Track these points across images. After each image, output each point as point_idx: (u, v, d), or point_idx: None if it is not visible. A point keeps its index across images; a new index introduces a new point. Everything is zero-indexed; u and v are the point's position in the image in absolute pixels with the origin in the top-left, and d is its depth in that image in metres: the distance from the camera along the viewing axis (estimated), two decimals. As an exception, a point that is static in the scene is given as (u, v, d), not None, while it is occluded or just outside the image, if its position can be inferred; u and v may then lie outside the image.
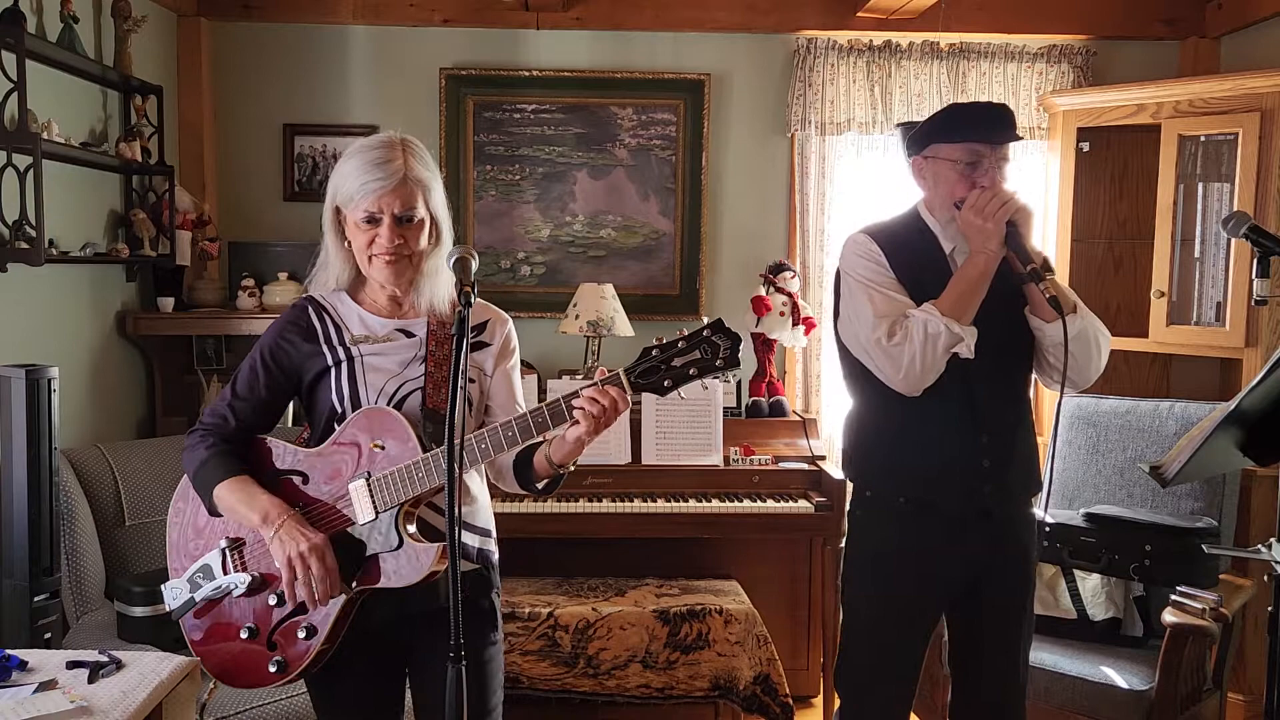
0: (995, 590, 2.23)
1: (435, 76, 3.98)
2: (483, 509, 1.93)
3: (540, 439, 1.79)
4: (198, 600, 1.88)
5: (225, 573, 1.85)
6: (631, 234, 4.08)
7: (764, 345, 3.84)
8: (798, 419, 3.81)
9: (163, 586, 1.93)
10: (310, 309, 1.90)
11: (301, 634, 1.79)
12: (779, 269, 3.84)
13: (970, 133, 2.12)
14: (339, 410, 1.84)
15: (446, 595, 1.77)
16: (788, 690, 3.29)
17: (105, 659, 2.02)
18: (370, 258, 1.81)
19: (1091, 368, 2.17)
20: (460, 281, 1.65)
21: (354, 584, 1.77)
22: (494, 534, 1.96)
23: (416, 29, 3.99)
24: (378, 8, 3.93)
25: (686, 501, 3.47)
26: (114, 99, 3.42)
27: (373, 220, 1.79)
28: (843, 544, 3.43)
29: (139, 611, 2.59)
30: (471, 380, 1.89)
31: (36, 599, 2.53)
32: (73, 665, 2.01)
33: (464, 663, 1.53)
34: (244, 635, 1.84)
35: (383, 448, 1.76)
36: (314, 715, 2.56)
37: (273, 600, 1.82)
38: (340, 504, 1.80)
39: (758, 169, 4.11)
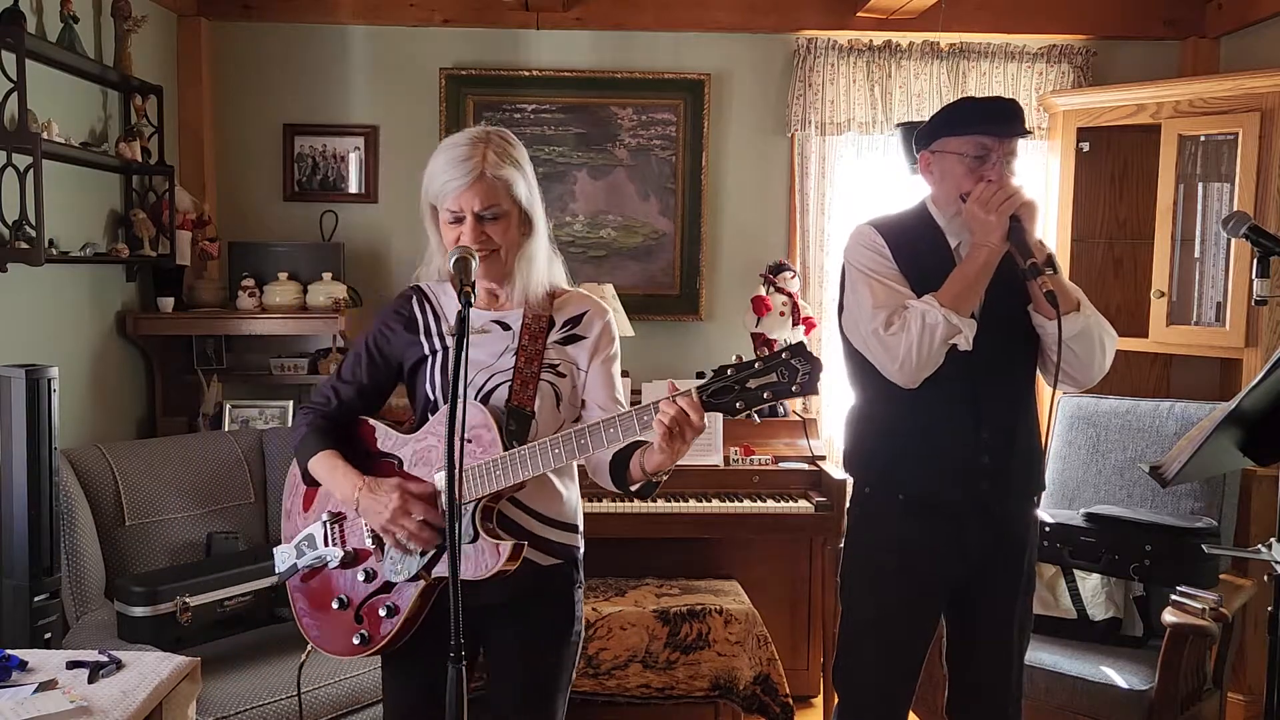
0: (994, 588, 2.22)
1: (435, 76, 3.98)
2: (568, 504, 1.94)
3: (639, 440, 1.78)
4: (300, 567, 1.95)
5: (325, 545, 1.92)
6: (631, 234, 4.08)
7: (764, 345, 3.84)
8: (798, 419, 3.81)
9: (274, 549, 2.00)
10: (415, 299, 1.95)
11: (383, 612, 1.85)
12: (779, 269, 3.84)
13: (977, 126, 2.11)
14: (432, 399, 1.88)
15: (523, 590, 1.83)
16: (788, 690, 3.29)
17: (105, 659, 2.02)
18: (456, 245, 1.82)
19: (1095, 367, 2.16)
20: (460, 281, 1.66)
21: (432, 571, 1.81)
22: (579, 528, 1.97)
23: (416, 29, 3.99)
24: (378, 8, 3.93)
25: (686, 501, 3.47)
26: (114, 99, 3.43)
27: (458, 219, 1.81)
28: (842, 543, 3.45)
29: (139, 611, 2.59)
30: (562, 374, 1.88)
31: (36, 599, 2.53)
32: (73, 665, 2.01)
33: (464, 663, 1.53)
34: (336, 605, 1.90)
35: (468, 441, 1.78)
36: (312, 715, 2.61)
37: (361, 576, 1.88)
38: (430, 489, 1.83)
39: (758, 169, 4.11)
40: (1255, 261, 2.00)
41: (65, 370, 2.87)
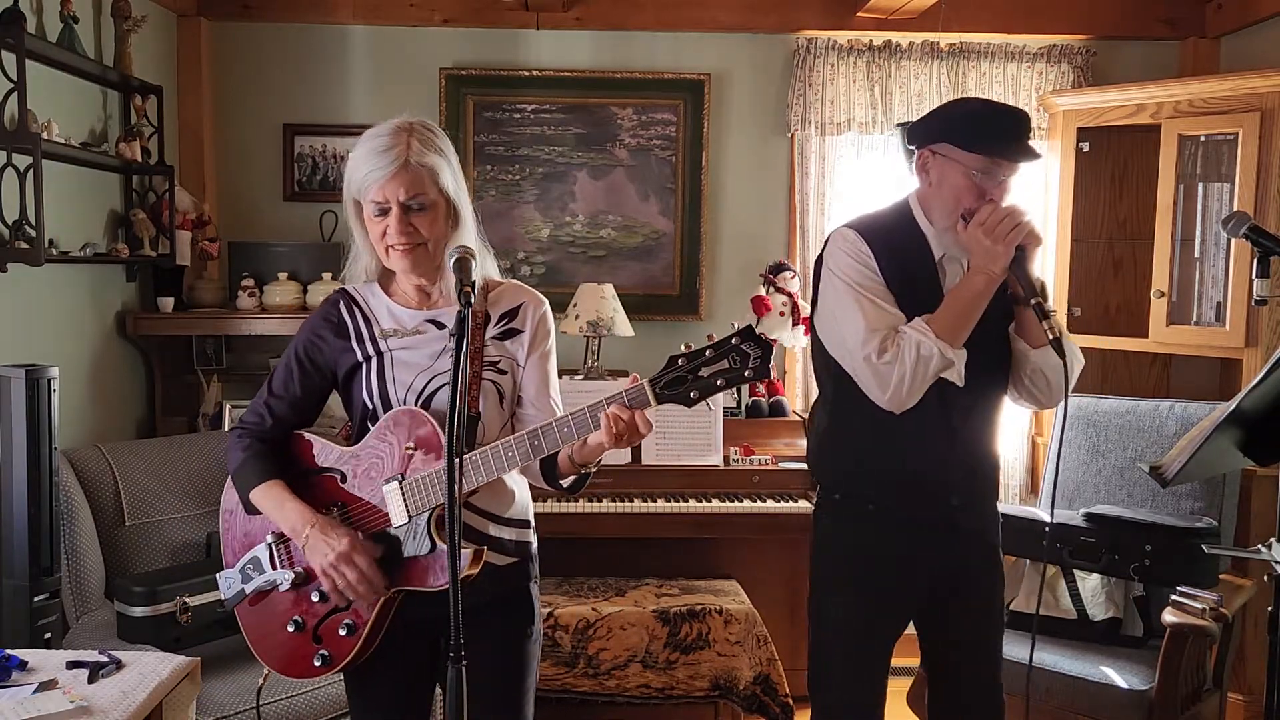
0: (965, 591, 2.21)
1: (435, 76, 3.98)
2: (519, 502, 1.91)
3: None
4: (248, 591, 1.90)
5: (273, 567, 1.87)
6: (631, 234, 4.08)
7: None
8: (798, 419, 3.81)
9: (217, 575, 1.95)
10: (342, 303, 1.89)
11: (343, 631, 1.81)
12: (779, 269, 3.84)
13: (991, 144, 2.00)
14: (370, 408, 1.83)
15: (484, 593, 1.79)
16: (788, 690, 3.29)
17: (105, 659, 2.02)
18: (387, 249, 1.79)
19: (1061, 393, 2.12)
20: (460, 281, 1.63)
21: (390, 585, 1.78)
22: (532, 524, 1.94)
23: (416, 29, 3.99)
24: (378, 8, 3.93)
25: (686, 501, 3.47)
26: (114, 99, 3.42)
27: (383, 211, 1.76)
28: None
29: (139, 611, 2.59)
30: (503, 371, 1.85)
31: (36, 599, 2.53)
32: (73, 665, 2.01)
33: (464, 663, 1.52)
34: (291, 628, 1.85)
35: (414, 449, 1.75)
36: (311, 716, 2.61)
37: (316, 596, 1.83)
38: (378, 504, 1.80)
39: (758, 169, 4.11)
40: (1255, 261, 2.00)
41: (65, 370, 2.87)
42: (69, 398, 3.05)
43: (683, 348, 1.66)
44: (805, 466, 3.61)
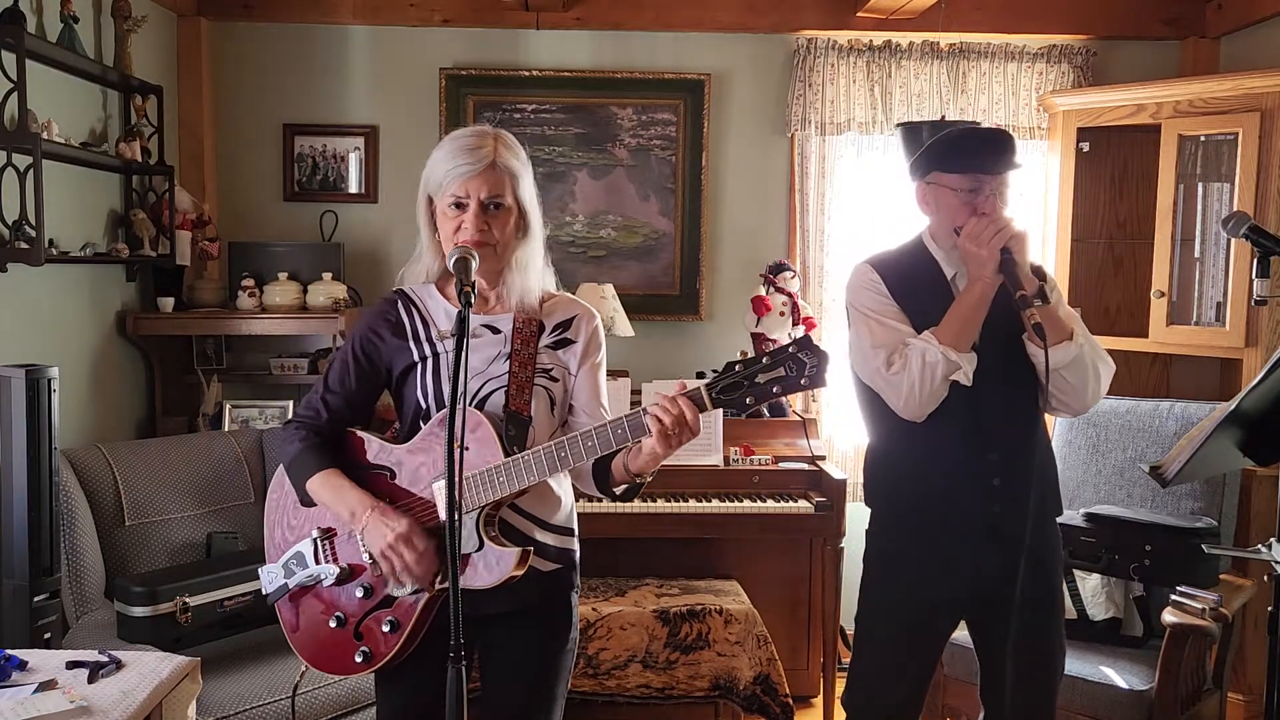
0: (1010, 601, 2.19)
1: (435, 76, 3.98)
2: (564, 508, 1.93)
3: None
4: (291, 586, 1.91)
5: (317, 562, 1.88)
6: (631, 234, 4.08)
7: (766, 345, 3.84)
8: (798, 419, 3.81)
9: (259, 569, 1.96)
10: (400, 303, 1.92)
11: (385, 628, 1.82)
12: (779, 269, 3.84)
13: (970, 162, 2.14)
14: (424, 407, 1.85)
15: (525, 597, 1.81)
16: (788, 690, 3.29)
17: (105, 659, 2.02)
18: (457, 245, 1.80)
19: (1089, 395, 2.18)
20: (460, 281, 1.65)
21: (435, 584, 1.78)
22: (575, 532, 1.95)
23: (416, 29, 3.99)
24: (378, 8, 3.93)
25: (686, 501, 3.47)
26: (114, 99, 3.42)
27: (460, 205, 1.79)
28: (842, 544, 3.45)
29: (139, 611, 2.59)
30: (555, 379, 1.88)
31: (36, 599, 2.53)
32: (73, 665, 2.01)
33: (464, 663, 1.53)
34: (333, 624, 1.87)
35: (466, 449, 1.75)
36: (310, 715, 2.61)
37: (359, 592, 1.84)
38: (428, 501, 1.81)
39: (758, 169, 4.11)
40: (1255, 261, 2.01)
41: (65, 370, 2.87)
42: (69, 398, 3.05)
43: (740, 354, 1.66)
44: (805, 466, 3.63)
